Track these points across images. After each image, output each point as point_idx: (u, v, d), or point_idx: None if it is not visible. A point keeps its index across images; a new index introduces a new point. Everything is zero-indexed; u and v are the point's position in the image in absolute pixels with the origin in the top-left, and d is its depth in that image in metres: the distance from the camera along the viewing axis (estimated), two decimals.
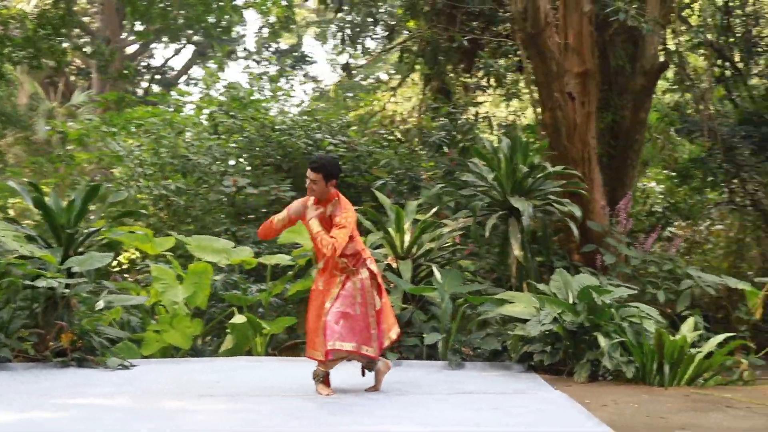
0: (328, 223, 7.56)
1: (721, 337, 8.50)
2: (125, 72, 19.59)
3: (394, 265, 10.54)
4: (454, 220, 10.81)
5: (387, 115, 18.21)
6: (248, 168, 16.03)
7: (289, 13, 24.43)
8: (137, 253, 13.60)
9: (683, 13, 14.94)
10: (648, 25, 11.77)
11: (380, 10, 14.75)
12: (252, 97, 17.10)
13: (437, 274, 9.85)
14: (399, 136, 17.23)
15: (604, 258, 11.20)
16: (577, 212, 10.34)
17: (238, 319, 10.57)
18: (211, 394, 7.61)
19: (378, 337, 7.57)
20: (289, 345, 12.19)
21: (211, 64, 31.95)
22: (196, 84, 37.76)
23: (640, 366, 8.15)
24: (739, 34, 15.83)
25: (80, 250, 10.39)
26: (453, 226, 10.61)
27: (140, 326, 11.01)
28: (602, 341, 8.12)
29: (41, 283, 9.01)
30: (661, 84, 16.96)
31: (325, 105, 17.98)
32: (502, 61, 14.55)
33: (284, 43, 36.77)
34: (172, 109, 18.81)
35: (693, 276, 11.10)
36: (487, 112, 16.94)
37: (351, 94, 22.87)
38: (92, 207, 11.23)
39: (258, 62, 37.22)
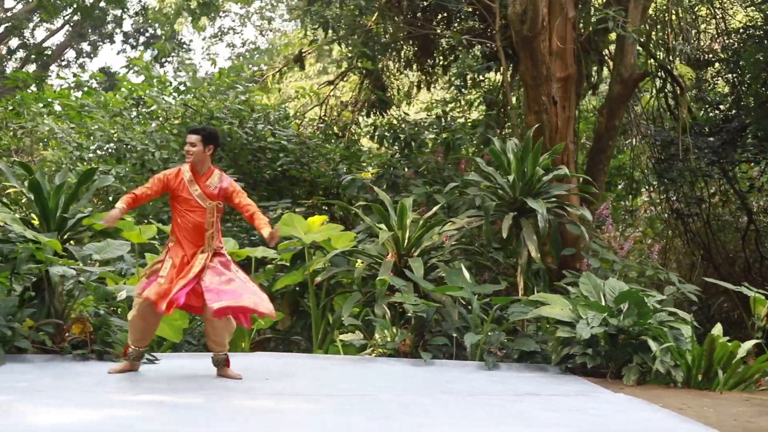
0: (215, 197, 7.66)
1: (750, 344, 8.74)
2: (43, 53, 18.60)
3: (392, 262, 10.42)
4: (462, 218, 10.73)
5: (330, 109, 18.01)
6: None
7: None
8: None
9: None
10: (629, 33, 12.03)
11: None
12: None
13: (465, 273, 9.78)
14: (336, 130, 17.10)
15: (590, 262, 11.37)
16: (588, 216, 10.48)
17: None
18: (281, 393, 7.34)
19: None
20: (259, 340, 11.93)
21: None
22: (68, 65, 36.46)
23: (685, 370, 8.30)
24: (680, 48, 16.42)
25: (70, 235, 9.89)
26: (460, 225, 10.55)
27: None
28: (653, 345, 8.23)
29: (56, 270, 8.50)
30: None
31: (260, 95, 17.56)
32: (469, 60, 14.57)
33: (160, 29, 35.75)
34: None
35: (675, 282, 11.40)
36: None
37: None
38: None
39: (134, 46, 36.13)
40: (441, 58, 16.44)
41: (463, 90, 15.32)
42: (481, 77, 15.86)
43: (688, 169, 15.26)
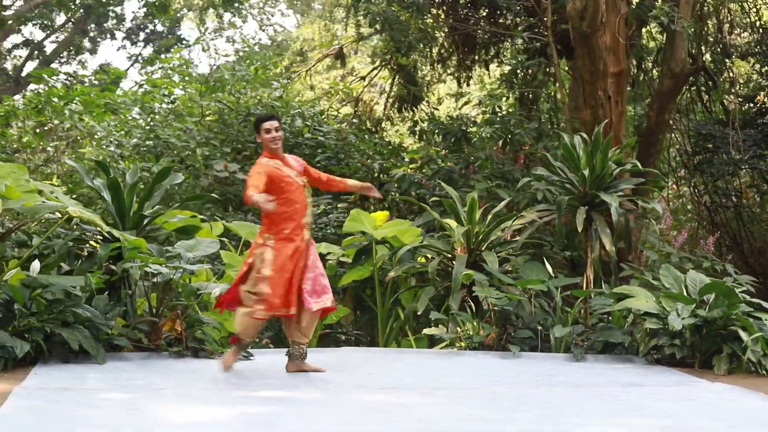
0: (302, 174, 7.97)
1: None
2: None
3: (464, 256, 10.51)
4: (532, 212, 10.83)
5: (364, 106, 18.10)
6: (227, 152, 15.56)
7: None
8: None
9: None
10: (684, 28, 12.19)
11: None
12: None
13: (548, 267, 9.93)
14: (369, 125, 17.18)
15: (648, 254, 11.53)
16: (659, 209, 10.62)
17: None
18: (392, 387, 7.46)
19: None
20: (322, 335, 12.02)
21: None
22: (68, 62, 36.22)
23: None
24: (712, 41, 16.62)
25: (145, 233, 9.94)
26: (530, 219, 10.67)
27: None
28: (743, 335, 8.37)
29: (154, 269, 8.60)
30: None
31: (296, 90, 17.64)
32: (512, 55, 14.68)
33: (161, 24, 35.74)
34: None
35: (731, 273, 11.57)
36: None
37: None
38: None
39: (135, 43, 36.02)
40: (483, 53, 16.56)
41: (514, 85, 15.42)
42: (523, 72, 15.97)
43: (730, 161, 15.43)
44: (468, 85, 17.73)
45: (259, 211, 14.82)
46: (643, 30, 15.76)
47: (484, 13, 16.20)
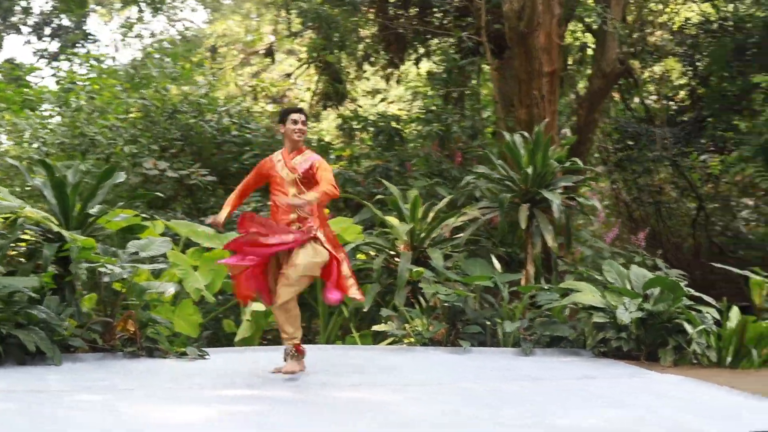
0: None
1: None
2: None
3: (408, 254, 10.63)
4: (473, 209, 11.00)
5: (290, 103, 18.06)
6: (154, 149, 15.37)
7: None
8: None
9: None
10: (616, 29, 12.51)
11: None
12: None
13: (496, 263, 10.10)
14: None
15: (582, 250, 11.81)
16: (598, 206, 10.90)
17: (258, 306, 10.29)
18: (361, 384, 7.48)
19: None
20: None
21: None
22: None
23: (717, 351, 8.78)
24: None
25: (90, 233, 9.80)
26: (473, 216, 10.83)
27: None
28: (689, 328, 8.67)
29: (108, 269, 8.49)
30: None
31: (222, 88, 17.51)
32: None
33: (68, 19, 34.90)
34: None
35: (662, 267, 11.93)
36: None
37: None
38: None
39: (41, 37, 35.08)
40: (412, 51, 16.72)
41: (447, 83, 15.51)
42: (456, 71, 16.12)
43: (653, 158, 15.86)
44: (398, 83, 17.87)
45: (201, 211, 14.80)
46: (567, 30, 16.06)
47: (414, 12, 16.34)
